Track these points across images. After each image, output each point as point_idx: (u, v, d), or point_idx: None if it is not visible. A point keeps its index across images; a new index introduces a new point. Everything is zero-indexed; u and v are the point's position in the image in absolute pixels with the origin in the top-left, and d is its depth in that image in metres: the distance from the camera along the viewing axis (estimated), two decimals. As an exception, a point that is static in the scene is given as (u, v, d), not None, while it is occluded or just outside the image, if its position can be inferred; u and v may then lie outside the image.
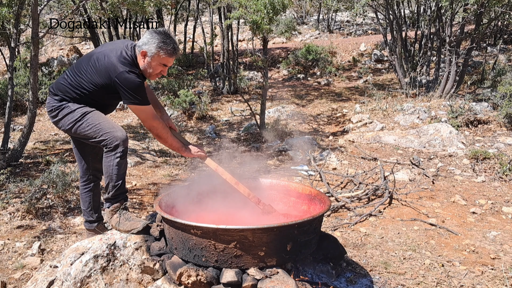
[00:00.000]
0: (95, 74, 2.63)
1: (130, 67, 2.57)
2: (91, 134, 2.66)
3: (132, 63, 2.61)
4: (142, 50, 2.61)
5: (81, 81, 2.67)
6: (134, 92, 2.56)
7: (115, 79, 2.55)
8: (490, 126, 6.73)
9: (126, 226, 2.67)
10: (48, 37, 15.02)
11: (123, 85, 2.55)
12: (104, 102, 2.80)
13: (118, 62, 2.56)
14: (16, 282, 2.99)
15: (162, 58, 2.61)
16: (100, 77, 2.62)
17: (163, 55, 2.60)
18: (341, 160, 5.78)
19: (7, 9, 5.13)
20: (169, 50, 2.60)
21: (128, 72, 2.54)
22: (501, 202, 4.39)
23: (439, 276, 2.96)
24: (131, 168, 5.65)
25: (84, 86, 2.67)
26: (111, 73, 2.56)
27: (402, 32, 9.40)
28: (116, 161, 2.62)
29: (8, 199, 4.18)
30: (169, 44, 2.60)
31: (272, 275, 2.21)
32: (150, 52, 2.60)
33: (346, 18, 18.05)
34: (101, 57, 2.63)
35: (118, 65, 2.55)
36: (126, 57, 2.60)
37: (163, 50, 2.59)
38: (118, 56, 2.59)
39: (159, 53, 2.59)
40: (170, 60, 2.66)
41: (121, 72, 2.54)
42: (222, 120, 8.52)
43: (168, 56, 2.62)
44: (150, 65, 2.63)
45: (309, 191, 2.88)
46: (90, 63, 2.67)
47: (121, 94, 2.60)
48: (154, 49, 2.59)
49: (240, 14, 6.25)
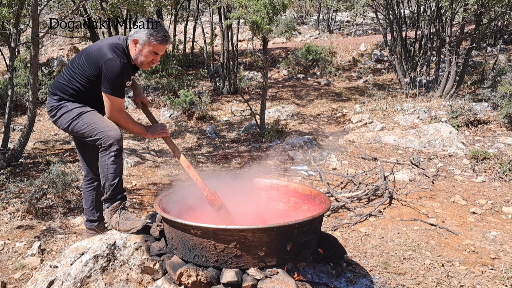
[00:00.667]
0: (87, 65, 2.68)
1: (119, 55, 2.61)
2: (86, 133, 2.70)
3: (122, 52, 2.64)
4: (134, 38, 2.65)
5: (75, 75, 2.72)
6: (113, 81, 2.60)
7: (102, 63, 2.59)
8: (490, 126, 6.73)
9: (126, 226, 2.68)
10: (48, 37, 15.02)
11: (106, 71, 2.59)
12: (100, 99, 2.81)
13: (108, 49, 2.61)
14: (16, 282, 2.99)
15: (153, 45, 2.64)
16: (91, 68, 2.66)
17: (154, 42, 2.63)
18: (341, 160, 5.78)
19: (7, 9, 5.13)
20: (159, 37, 2.63)
21: (115, 59, 2.58)
22: (501, 202, 4.39)
23: (439, 276, 2.96)
24: (131, 168, 5.65)
25: (77, 79, 2.71)
26: (100, 59, 2.60)
27: (402, 32, 9.40)
28: (111, 160, 2.64)
29: (8, 199, 4.18)
30: (159, 32, 2.63)
31: (272, 275, 2.20)
32: (141, 40, 2.64)
33: (346, 18, 18.06)
34: (93, 47, 2.70)
35: (107, 52, 2.60)
36: (117, 46, 2.64)
37: (153, 37, 2.62)
38: (109, 44, 2.64)
39: (149, 40, 2.63)
40: (161, 47, 2.68)
41: (109, 58, 2.58)
42: (222, 120, 8.53)
43: (159, 43, 2.65)
44: (141, 52, 2.66)
45: (309, 191, 2.88)
46: (83, 56, 2.72)
47: (102, 81, 2.63)
48: (144, 36, 2.62)
49: (240, 14, 6.25)
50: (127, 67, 2.65)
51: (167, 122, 8.46)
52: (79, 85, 2.72)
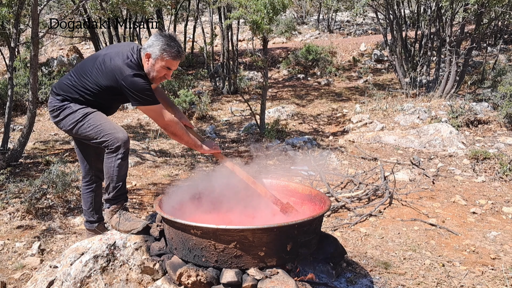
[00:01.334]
0: (100, 76, 2.63)
1: (136, 70, 2.57)
2: (92, 135, 2.66)
3: (138, 66, 2.61)
4: (147, 52, 2.61)
5: (86, 83, 2.67)
6: (142, 94, 2.56)
7: (122, 82, 2.55)
8: (490, 126, 6.72)
9: (126, 226, 2.67)
10: (48, 37, 15.02)
11: (130, 88, 2.55)
12: (108, 104, 2.80)
13: (124, 65, 2.56)
14: (16, 282, 2.99)
15: (166, 60, 2.60)
16: (106, 79, 2.62)
17: (167, 58, 2.59)
18: (341, 160, 5.78)
19: (7, 9, 5.13)
20: (173, 53, 2.59)
21: (134, 76, 2.54)
22: (501, 202, 4.39)
23: (439, 276, 2.96)
24: (131, 168, 5.65)
25: (89, 87, 2.67)
26: (117, 76, 2.56)
27: (402, 32, 9.40)
28: (118, 162, 2.62)
29: (8, 199, 4.17)
30: (173, 47, 2.59)
31: (272, 275, 2.20)
32: (154, 55, 2.59)
33: (346, 18, 18.05)
34: (107, 59, 2.63)
35: (124, 68, 2.55)
36: (132, 60, 2.60)
37: (166, 52, 2.58)
38: (124, 59, 2.59)
39: (162, 56, 2.59)
40: (174, 63, 2.64)
41: (127, 75, 2.54)
42: (222, 120, 8.52)
43: (172, 59, 2.60)
44: (154, 67, 2.62)
45: (309, 191, 2.88)
46: (96, 65, 2.66)
47: (129, 97, 2.60)
48: (158, 51, 2.58)
49: (240, 14, 6.25)
50: (145, 78, 2.61)
51: (167, 122, 8.46)
52: (89, 92, 2.68)
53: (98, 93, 2.68)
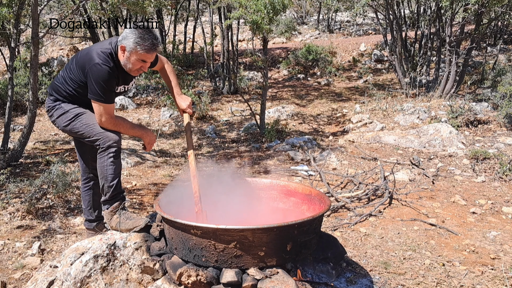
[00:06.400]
0: (75, 70, 2.67)
1: (105, 60, 2.56)
2: (85, 134, 2.70)
3: (108, 56, 2.60)
4: (121, 45, 2.59)
5: (68, 79, 2.72)
6: (97, 86, 2.55)
7: (88, 69, 2.57)
8: (490, 126, 6.73)
9: (128, 225, 2.67)
10: (48, 37, 15.02)
11: (91, 76, 2.56)
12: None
13: (95, 54, 2.58)
14: (16, 282, 2.99)
15: (139, 54, 2.56)
16: (79, 73, 2.64)
17: (140, 51, 2.55)
18: (341, 160, 5.78)
19: (7, 9, 5.13)
20: (146, 46, 2.54)
21: (100, 65, 2.54)
22: (501, 202, 4.39)
23: (439, 276, 2.96)
24: (131, 168, 5.65)
25: (69, 83, 2.71)
26: (86, 65, 2.58)
27: (402, 32, 9.40)
28: (109, 161, 2.63)
29: (8, 199, 4.18)
30: (146, 40, 2.53)
31: (272, 275, 2.21)
32: (128, 47, 2.57)
33: (346, 18, 18.05)
34: (83, 52, 2.69)
35: (94, 57, 2.57)
36: (104, 51, 2.60)
37: (140, 45, 2.54)
38: (97, 49, 2.61)
39: (136, 49, 2.55)
40: (149, 56, 2.60)
41: (95, 63, 2.55)
42: (222, 120, 8.53)
43: (146, 52, 2.56)
44: (129, 60, 2.60)
45: (309, 191, 2.88)
46: (74, 59, 2.71)
47: (88, 87, 2.61)
48: (131, 44, 2.55)
49: (240, 14, 6.25)
50: (113, 72, 2.60)
51: (167, 122, 8.47)
52: (71, 89, 2.71)
53: (79, 89, 2.70)
